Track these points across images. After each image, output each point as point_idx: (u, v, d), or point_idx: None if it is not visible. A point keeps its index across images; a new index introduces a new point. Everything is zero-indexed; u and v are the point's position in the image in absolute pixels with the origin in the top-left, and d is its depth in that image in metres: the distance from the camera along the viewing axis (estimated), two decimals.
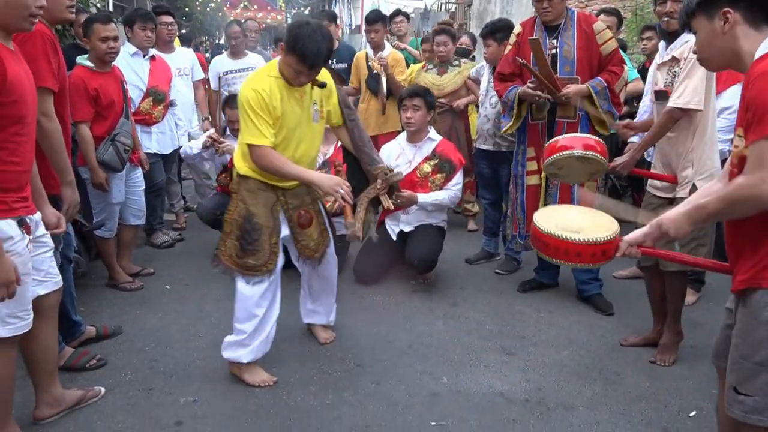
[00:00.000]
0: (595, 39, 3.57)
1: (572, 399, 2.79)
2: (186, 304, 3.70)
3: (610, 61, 3.59)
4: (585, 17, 3.67)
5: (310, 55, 2.57)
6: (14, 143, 2.00)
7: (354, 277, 4.13)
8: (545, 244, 2.22)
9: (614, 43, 3.64)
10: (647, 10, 6.94)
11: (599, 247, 2.14)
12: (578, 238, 2.15)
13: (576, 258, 2.19)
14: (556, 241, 2.18)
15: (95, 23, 3.51)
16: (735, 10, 1.70)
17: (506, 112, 3.83)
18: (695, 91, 2.85)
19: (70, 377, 2.81)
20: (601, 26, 3.64)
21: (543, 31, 3.63)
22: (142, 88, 4.31)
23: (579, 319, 3.61)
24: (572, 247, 2.16)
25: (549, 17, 3.58)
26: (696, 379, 2.98)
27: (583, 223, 2.25)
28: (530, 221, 3.81)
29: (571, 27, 3.58)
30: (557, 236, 2.18)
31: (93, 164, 3.53)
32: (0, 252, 1.91)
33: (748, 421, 1.76)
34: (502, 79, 3.81)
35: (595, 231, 2.18)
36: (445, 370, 3.02)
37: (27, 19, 2.08)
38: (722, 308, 2.02)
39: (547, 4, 3.53)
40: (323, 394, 2.78)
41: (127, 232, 4.04)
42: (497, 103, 4.30)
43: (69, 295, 2.99)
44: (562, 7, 3.58)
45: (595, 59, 3.59)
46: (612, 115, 3.62)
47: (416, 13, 18.16)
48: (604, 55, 3.58)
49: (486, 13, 12.03)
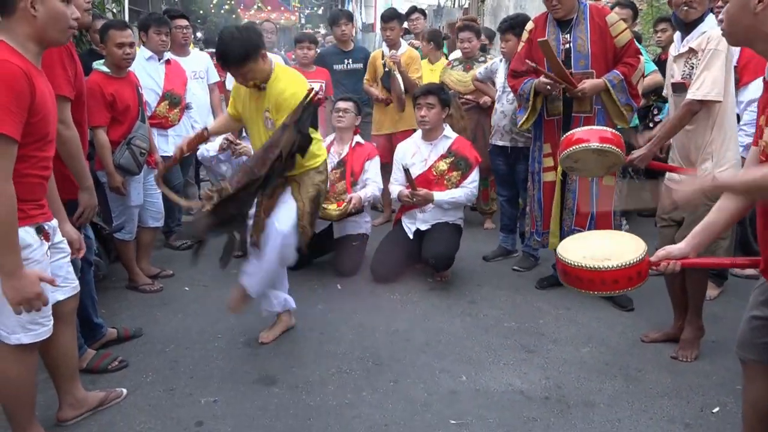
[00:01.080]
0: (609, 32, 3.52)
1: (593, 396, 2.77)
2: (205, 305, 3.73)
3: (625, 53, 3.54)
4: (597, 10, 3.62)
5: (218, 57, 2.93)
6: (36, 157, 2.03)
7: (371, 276, 4.14)
8: (578, 278, 2.16)
9: (628, 35, 3.58)
10: (662, 1, 6.85)
11: (634, 270, 2.09)
12: (610, 265, 2.09)
13: (613, 286, 2.12)
14: (589, 273, 2.12)
15: (111, 29, 3.55)
16: None
17: (521, 105, 3.80)
18: (714, 82, 2.81)
19: (92, 379, 2.84)
20: (614, 18, 3.59)
21: (556, 27, 3.60)
22: (157, 92, 4.35)
23: (598, 316, 3.58)
24: (607, 275, 2.09)
25: (559, 14, 3.55)
26: (719, 374, 2.94)
27: (609, 249, 2.19)
28: (547, 218, 3.83)
29: (584, 21, 3.54)
30: (589, 268, 2.12)
31: (110, 168, 3.58)
32: (18, 267, 1.93)
33: None
34: (516, 75, 3.79)
35: (623, 254, 2.12)
36: (464, 368, 3.01)
37: (66, 32, 2.14)
38: (744, 302, 1.99)
39: (556, 2, 3.51)
40: (342, 394, 2.78)
41: (146, 234, 4.08)
42: (514, 99, 4.27)
43: (90, 298, 3.03)
44: (573, 2, 3.54)
45: (610, 52, 3.54)
46: (631, 108, 3.58)
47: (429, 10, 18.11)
48: (618, 47, 3.54)
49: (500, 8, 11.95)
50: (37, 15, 2.02)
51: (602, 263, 2.11)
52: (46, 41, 2.09)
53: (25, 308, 1.97)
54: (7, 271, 1.91)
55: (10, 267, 1.91)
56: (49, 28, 2.06)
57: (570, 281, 2.21)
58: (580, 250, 2.23)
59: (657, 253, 2.12)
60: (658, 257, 2.10)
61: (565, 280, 2.25)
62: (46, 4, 2.03)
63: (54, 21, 2.06)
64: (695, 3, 2.88)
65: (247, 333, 3.29)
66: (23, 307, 1.96)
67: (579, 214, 3.69)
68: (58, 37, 2.11)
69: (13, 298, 1.94)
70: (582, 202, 3.69)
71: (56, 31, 2.09)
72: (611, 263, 2.10)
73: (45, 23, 2.04)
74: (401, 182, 4.18)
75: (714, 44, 2.81)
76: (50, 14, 2.05)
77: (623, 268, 2.09)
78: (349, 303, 3.77)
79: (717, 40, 2.81)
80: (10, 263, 1.91)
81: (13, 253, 1.92)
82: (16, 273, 1.92)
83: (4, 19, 2.03)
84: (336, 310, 3.62)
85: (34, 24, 2.02)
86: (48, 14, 2.04)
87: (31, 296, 1.95)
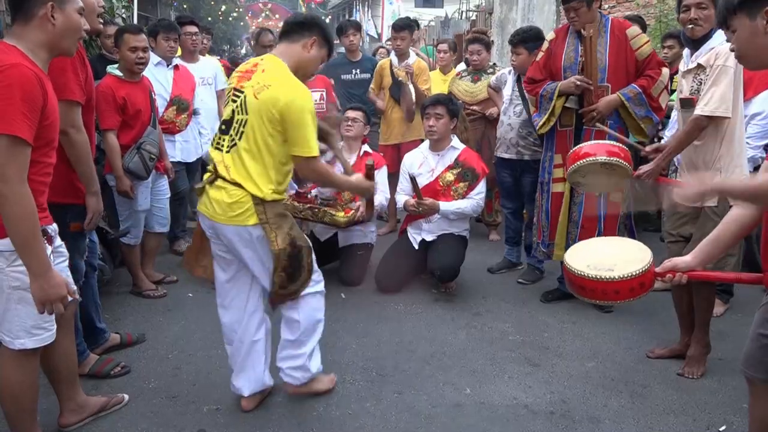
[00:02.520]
0: (629, 44, 3.51)
1: (598, 412, 2.75)
2: (209, 312, 3.70)
3: (647, 65, 3.52)
4: (618, 23, 3.62)
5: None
6: (41, 163, 2.05)
7: (376, 286, 4.12)
8: (581, 287, 2.17)
9: (650, 47, 3.56)
10: (671, 17, 6.86)
11: (636, 281, 2.09)
12: (613, 276, 2.09)
13: (615, 296, 2.13)
14: (591, 282, 2.13)
15: (126, 33, 3.61)
16: None
17: (540, 108, 3.76)
18: (722, 98, 2.80)
19: (94, 384, 2.83)
20: (635, 31, 3.58)
21: (575, 38, 3.61)
22: (165, 97, 4.36)
23: (604, 330, 3.56)
24: (609, 286, 2.10)
25: (577, 26, 3.55)
26: (725, 392, 2.91)
27: (614, 258, 2.18)
28: (554, 229, 3.82)
29: (604, 34, 3.54)
30: (591, 277, 2.12)
31: (119, 172, 3.58)
32: (47, 267, 1.95)
33: None
34: (532, 82, 3.80)
35: (628, 264, 2.12)
36: (468, 381, 2.99)
37: (76, 43, 2.19)
38: (751, 320, 1.97)
39: (573, 14, 3.51)
40: (345, 405, 2.76)
41: (151, 239, 4.08)
42: (522, 111, 4.28)
43: (93, 303, 3.03)
44: (591, 15, 3.53)
45: (631, 66, 3.53)
46: (651, 120, 3.56)
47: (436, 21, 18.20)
48: (640, 59, 3.52)
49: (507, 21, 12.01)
50: (55, 24, 2.04)
51: (605, 273, 2.11)
52: (58, 50, 2.12)
53: (48, 310, 1.99)
54: (36, 271, 1.94)
55: (38, 268, 1.94)
56: (64, 38, 2.09)
57: (574, 289, 2.24)
58: (585, 258, 2.23)
59: (663, 265, 2.12)
60: (665, 268, 2.10)
61: (571, 288, 2.27)
62: (66, 14, 2.07)
63: (70, 31, 2.11)
64: (701, 20, 2.88)
65: None
66: (45, 307, 1.98)
67: (584, 228, 3.69)
68: (69, 46, 2.15)
69: (40, 297, 1.96)
70: (588, 217, 3.69)
71: (69, 42, 2.13)
72: (614, 274, 2.10)
73: (61, 33, 2.07)
74: (407, 191, 4.17)
75: (722, 60, 2.81)
76: (68, 24, 2.08)
77: (625, 280, 2.09)
78: (353, 313, 3.75)
79: (725, 56, 2.81)
80: (38, 264, 1.94)
81: (40, 254, 1.94)
82: (45, 274, 1.94)
83: (17, 25, 2.05)
84: (340, 320, 3.60)
85: (51, 32, 2.05)
86: (66, 24, 2.07)
87: (56, 298, 1.98)
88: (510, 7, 12.22)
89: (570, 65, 3.61)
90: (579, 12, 3.49)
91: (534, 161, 4.24)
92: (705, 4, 2.87)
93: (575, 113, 3.63)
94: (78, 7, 2.13)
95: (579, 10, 3.49)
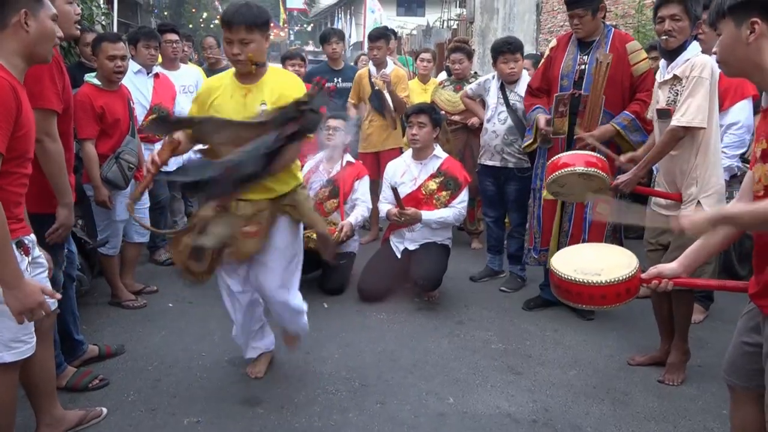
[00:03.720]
0: (628, 59, 3.54)
1: (580, 420, 2.76)
2: (189, 323, 3.68)
3: (641, 83, 3.54)
4: (620, 36, 3.66)
5: (226, 14, 2.62)
6: (16, 173, 2.02)
7: (358, 295, 4.11)
8: (567, 291, 2.19)
9: (647, 65, 3.58)
10: (649, 27, 6.97)
11: (623, 286, 2.11)
12: (600, 281, 2.12)
13: (601, 301, 2.16)
14: (578, 287, 2.15)
15: (104, 41, 3.56)
16: (763, 22, 1.69)
17: (529, 128, 3.87)
18: (698, 109, 2.85)
19: (71, 397, 2.78)
20: (635, 46, 3.62)
21: (576, 47, 3.64)
22: (145, 106, 4.33)
23: (585, 338, 3.58)
24: (595, 290, 2.13)
25: (580, 34, 3.59)
26: (705, 399, 2.94)
27: (601, 263, 2.21)
28: (546, 235, 3.84)
29: (605, 44, 3.57)
30: (578, 281, 2.14)
31: (96, 182, 3.54)
32: (18, 277, 1.91)
33: None
34: (531, 92, 3.85)
35: (614, 270, 2.14)
36: (451, 390, 2.98)
37: (51, 50, 2.16)
38: (730, 327, 2.00)
39: (577, 21, 3.55)
40: (328, 415, 2.75)
41: (130, 249, 4.03)
42: (506, 118, 4.31)
43: (71, 314, 2.98)
44: (595, 24, 3.56)
45: (626, 80, 3.55)
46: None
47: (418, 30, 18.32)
48: (635, 75, 3.55)
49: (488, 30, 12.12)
50: (29, 31, 2.02)
51: (592, 278, 2.13)
52: (33, 58, 2.10)
53: (28, 318, 1.95)
54: (8, 282, 1.89)
55: (10, 278, 1.89)
56: (39, 45, 2.07)
57: (560, 293, 2.25)
58: (572, 263, 2.25)
59: (649, 271, 2.14)
60: (650, 275, 2.12)
61: (557, 292, 2.28)
62: (39, 21, 2.05)
63: (44, 38, 2.08)
64: (675, 32, 2.93)
65: (232, 351, 3.24)
66: (25, 316, 1.94)
67: (573, 236, 3.73)
68: (45, 54, 2.13)
69: (16, 308, 1.91)
70: (578, 226, 3.73)
71: (44, 49, 2.11)
72: (601, 278, 2.12)
73: (35, 40, 2.05)
74: (390, 200, 4.18)
75: (698, 72, 2.86)
76: (41, 31, 2.06)
77: (612, 284, 2.11)
78: (335, 322, 3.74)
79: (701, 67, 2.86)
80: (9, 274, 1.89)
81: (10, 265, 1.90)
82: (18, 284, 1.90)
83: None
84: (322, 330, 3.58)
85: (25, 40, 2.03)
86: (39, 31, 2.05)
87: (34, 306, 1.93)
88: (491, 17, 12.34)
89: (567, 73, 3.63)
90: (583, 20, 3.53)
91: (518, 169, 4.28)
92: (679, 16, 2.91)
93: (568, 121, 3.65)
94: (51, 14, 2.11)
95: (583, 18, 3.52)
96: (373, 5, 14.61)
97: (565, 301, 2.30)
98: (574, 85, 3.61)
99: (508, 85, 4.35)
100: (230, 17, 2.57)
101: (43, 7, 2.08)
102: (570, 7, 3.58)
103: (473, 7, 13.07)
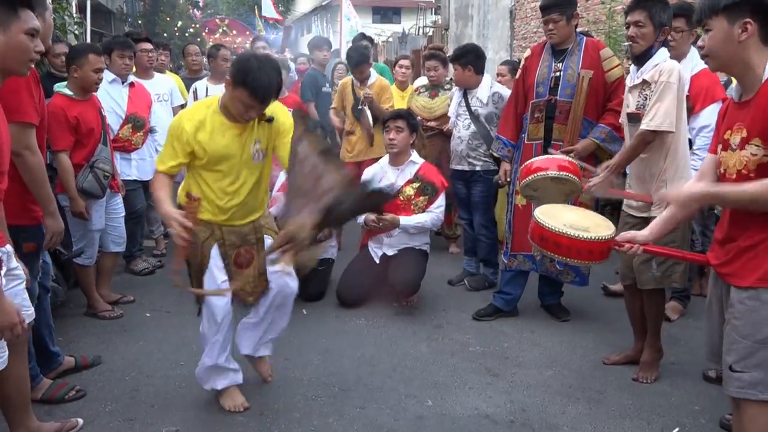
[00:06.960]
0: (601, 65, 3.62)
1: (556, 419, 2.80)
2: (167, 332, 3.66)
3: (614, 90, 3.61)
4: (593, 43, 3.75)
5: (261, 89, 2.48)
6: None
7: (337, 301, 4.12)
8: (556, 244, 2.30)
9: (620, 71, 3.65)
10: (620, 33, 7.10)
11: (606, 245, 2.28)
12: (590, 236, 2.26)
13: (588, 256, 2.31)
14: (568, 240, 2.27)
15: (90, 53, 3.50)
16: (755, 23, 1.82)
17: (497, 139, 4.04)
18: (666, 113, 2.93)
19: (47, 410, 2.75)
20: (608, 53, 3.70)
21: (550, 55, 3.71)
22: (121, 115, 4.30)
23: (561, 339, 3.64)
24: (584, 245, 2.27)
25: (555, 39, 3.65)
26: (678, 395, 3.01)
27: (585, 222, 2.37)
28: (517, 242, 3.88)
29: (578, 52, 3.64)
30: (568, 235, 2.27)
31: (73, 193, 3.50)
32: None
33: (744, 395, 1.88)
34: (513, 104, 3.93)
35: (599, 229, 2.32)
36: (430, 393, 3.01)
37: (26, 64, 2.09)
38: (702, 325, 2.07)
39: (552, 26, 3.61)
40: (308, 421, 2.75)
41: (106, 259, 4.00)
42: (470, 124, 4.42)
43: (47, 326, 2.94)
44: (569, 31, 3.63)
45: (600, 86, 3.62)
46: None
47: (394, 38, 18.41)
48: (609, 82, 3.62)
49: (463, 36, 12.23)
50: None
51: (582, 233, 2.28)
52: (8, 71, 2.06)
53: (5, 336, 1.94)
54: None
55: None
56: (8, 58, 2.02)
57: (546, 246, 2.36)
58: (559, 218, 2.38)
59: (623, 235, 2.29)
60: (624, 238, 2.27)
61: (541, 245, 2.39)
62: (8, 34, 1.99)
63: (15, 52, 2.03)
64: (638, 38, 3.02)
65: None
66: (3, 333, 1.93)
67: None
68: (17, 68, 2.08)
69: None
70: None
71: (16, 62, 2.05)
72: (591, 235, 2.27)
73: (4, 53, 2.00)
74: None
75: (666, 77, 2.94)
76: (10, 44, 2.01)
77: (600, 241, 2.27)
78: (314, 328, 3.74)
79: (668, 72, 2.94)
80: None
81: None
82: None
83: None
84: (302, 336, 3.59)
85: None
86: (8, 44, 2.00)
87: (7, 326, 1.91)
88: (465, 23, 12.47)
89: (543, 80, 3.69)
90: (558, 25, 3.59)
91: (485, 171, 4.37)
92: (642, 23, 3.00)
93: (543, 126, 3.72)
94: (26, 28, 2.03)
95: (558, 23, 3.58)
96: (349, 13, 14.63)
97: (546, 254, 2.44)
98: (550, 92, 3.68)
99: (469, 92, 4.44)
100: (265, 94, 2.51)
101: (18, 20, 2.02)
102: (545, 12, 3.64)
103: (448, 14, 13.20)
